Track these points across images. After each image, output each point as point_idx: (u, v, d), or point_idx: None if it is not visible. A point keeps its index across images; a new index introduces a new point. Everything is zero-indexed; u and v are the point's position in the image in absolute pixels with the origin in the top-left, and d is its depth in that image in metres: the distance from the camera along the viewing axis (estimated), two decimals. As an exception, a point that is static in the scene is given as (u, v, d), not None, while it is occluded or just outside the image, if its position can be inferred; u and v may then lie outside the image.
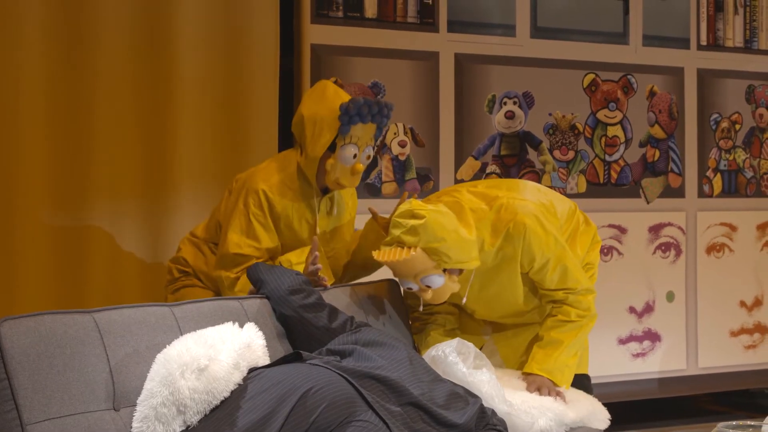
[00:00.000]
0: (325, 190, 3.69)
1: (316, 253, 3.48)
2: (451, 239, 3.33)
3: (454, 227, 3.35)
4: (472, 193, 3.57)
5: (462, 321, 3.78)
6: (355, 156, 3.57)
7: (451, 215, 3.38)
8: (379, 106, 3.56)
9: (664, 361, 5.68)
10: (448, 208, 3.43)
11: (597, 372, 5.50)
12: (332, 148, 3.58)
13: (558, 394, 3.47)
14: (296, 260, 3.50)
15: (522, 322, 3.72)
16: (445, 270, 3.38)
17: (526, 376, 3.54)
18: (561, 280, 3.53)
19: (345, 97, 3.59)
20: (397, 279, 3.50)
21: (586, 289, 3.60)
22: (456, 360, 3.29)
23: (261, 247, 3.56)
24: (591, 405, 3.52)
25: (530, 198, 3.57)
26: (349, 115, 3.51)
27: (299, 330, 3.23)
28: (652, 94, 5.67)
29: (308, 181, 3.63)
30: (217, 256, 3.65)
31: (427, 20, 5.14)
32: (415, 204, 3.37)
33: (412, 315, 3.74)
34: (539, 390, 3.47)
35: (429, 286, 3.39)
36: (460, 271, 3.44)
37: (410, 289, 3.43)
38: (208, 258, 3.77)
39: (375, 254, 3.39)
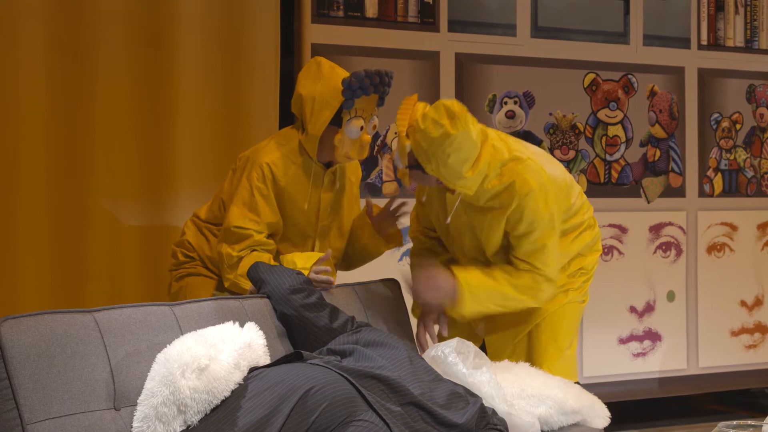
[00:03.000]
0: (327, 165, 3.70)
1: (328, 268, 3.48)
2: (452, 163, 3.37)
3: (466, 159, 3.38)
4: (500, 137, 3.59)
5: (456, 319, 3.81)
6: (361, 128, 3.60)
7: (476, 148, 3.40)
8: (380, 76, 3.59)
9: (664, 361, 5.69)
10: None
11: (597, 372, 5.51)
12: (338, 122, 3.59)
13: (439, 322, 3.55)
14: (301, 264, 3.50)
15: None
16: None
17: (444, 273, 3.54)
18: (533, 256, 3.50)
19: (341, 72, 3.61)
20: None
21: (549, 279, 3.55)
22: (456, 360, 3.28)
23: (261, 221, 3.56)
24: (590, 399, 3.51)
25: (549, 170, 3.56)
26: (352, 90, 3.53)
27: (300, 329, 3.23)
28: (652, 93, 5.68)
29: (310, 157, 3.65)
30: (221, 230, 3.66)
31: (427, 20, 5.14)
32: (470, 118, 3.39)
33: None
34: (429, 307, 3.55)
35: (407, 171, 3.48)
36: (438, 181, 3.47)
37: (395, 166, 3.54)
38: (211, 241, 3.77)
39: (408, 99, 3.47)
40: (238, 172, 3.67)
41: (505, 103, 5.32)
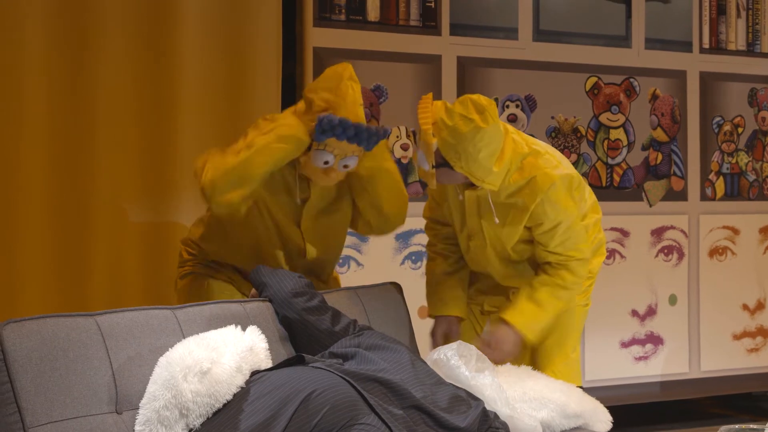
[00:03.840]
0: None
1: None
2: (483, 158, 3.34)
3: (493, 152, 3.35)
4: (515, 131, 3.57)
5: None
6: (326, 163, 3.47)
7: (501, 141, 3.38)
8: (357, 131, 3.42)
9: (666, 365, 5.68)
10: None
11: (599, 375, 5.51)
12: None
13: (501, 360, 3.52)
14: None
15: (507, 276, 3.71)
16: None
17: (498, 321, 3.55)
18: (564, 246, 3.53)
19: (352, 95, 3.47)
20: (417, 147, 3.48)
21: (585, 260, 3.61)
22: (458, 363, 3.28)
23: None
24: (593, 403, 3.52)
25: (566, 165, 3.58)
26: (322, 129, 3.40)
27: (302, 333, 3.23)
28: (654, 97, 5.67)
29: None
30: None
31: (429, 23, 5.14)
32: (494, 108, 3.35)
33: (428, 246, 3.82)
34: (489, 348, 3.53)
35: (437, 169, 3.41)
36: (466, 179, 3.45)
37: (423, 170, 3.44)
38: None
39: (424, 98, 3.41)
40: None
41: (507, 106, 5.32)
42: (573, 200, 3.52)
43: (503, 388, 3.28)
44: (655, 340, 5.67)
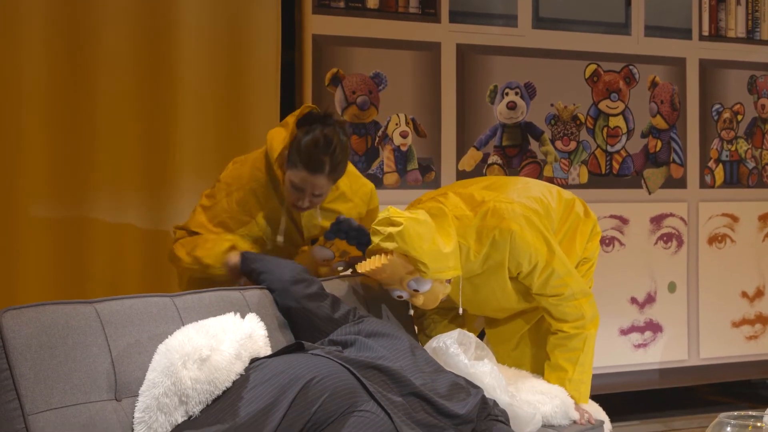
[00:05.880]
0: None
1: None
2: (427, 249, 3.29)
3: (431, 237, 3.30)
4: (459, 195, 3.51)
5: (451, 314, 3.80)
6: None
7: (429, 224, 3.33)
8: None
9: (665, 352, 5.69)
10: (431, 214, 3.39)
11: (598, 363, 5.48)
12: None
13: (583, 412, 3.48)
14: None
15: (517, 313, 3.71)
16: None
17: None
18: (549, 285, 3.48)
19: None
20: (386, 288, 3.45)
21: (581, 292, 3.53)
22: (457, 351, 3.29)
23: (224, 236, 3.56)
24: (595, 408, 3.57)
25: (519, 199, 3.50)
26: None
27: (301, 320, 3.23)
28: (654, 84, 5.67)
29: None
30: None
31: (428, 10, 5.13)
32: (392, 211, 3.33)
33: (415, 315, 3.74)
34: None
35: (417, 290, 3.35)
36: (448, 279, 3.43)
37: (400, 297, 3.40)
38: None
39: (358, 267, 3.37)
40: (223, 185, 3.67)
41: (507, 94, 5.31)
42: (538, 237, 3.45)
43: (502, 375, 3.29)
44: (654, 327, 5.67)
